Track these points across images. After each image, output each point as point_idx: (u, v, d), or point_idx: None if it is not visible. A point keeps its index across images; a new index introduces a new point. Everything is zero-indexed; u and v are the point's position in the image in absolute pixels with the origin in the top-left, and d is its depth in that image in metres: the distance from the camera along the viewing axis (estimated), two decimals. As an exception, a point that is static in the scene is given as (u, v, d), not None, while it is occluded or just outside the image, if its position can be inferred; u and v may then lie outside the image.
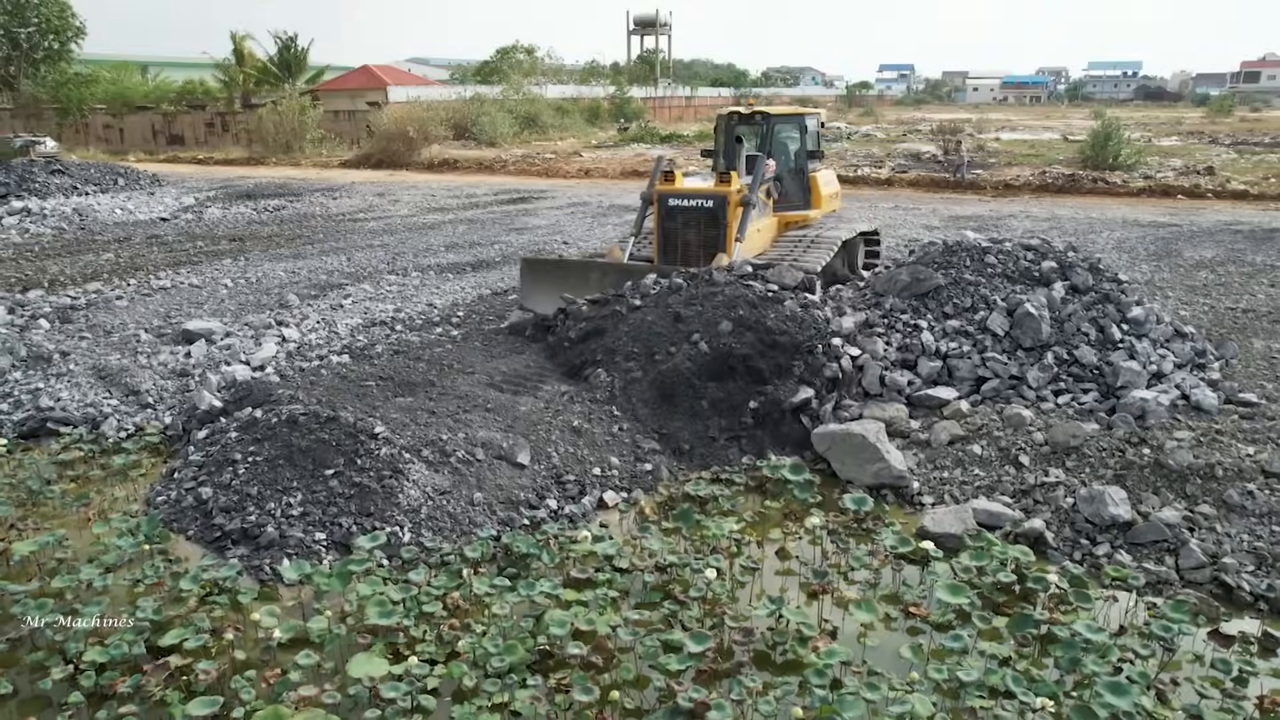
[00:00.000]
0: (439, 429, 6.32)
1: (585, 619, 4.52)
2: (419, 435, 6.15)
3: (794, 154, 10.85)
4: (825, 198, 10.97)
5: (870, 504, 5.71)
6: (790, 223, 10.55)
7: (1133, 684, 4.01)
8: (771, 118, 10.50)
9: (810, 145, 10.95)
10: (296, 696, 3.96)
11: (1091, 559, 5.31)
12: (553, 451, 6.32)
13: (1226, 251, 13.22)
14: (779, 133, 10.65)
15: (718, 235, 9.07)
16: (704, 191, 9.28)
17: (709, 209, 9.13)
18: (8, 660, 4.38)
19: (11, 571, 5.14)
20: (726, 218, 9.05)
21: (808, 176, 10.86)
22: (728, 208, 9.04)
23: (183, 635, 4.38)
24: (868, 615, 4.59)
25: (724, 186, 9.17)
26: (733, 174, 9.30)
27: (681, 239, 9.31)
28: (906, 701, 3.90)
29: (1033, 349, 7.24)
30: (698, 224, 9.21)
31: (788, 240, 10.06)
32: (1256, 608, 4.83)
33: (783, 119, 10.72)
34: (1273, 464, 5.77)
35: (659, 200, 9.42)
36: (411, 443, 6.04)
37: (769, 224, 10.14)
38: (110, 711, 3.91)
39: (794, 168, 10.82)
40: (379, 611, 4.54)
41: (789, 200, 10.59)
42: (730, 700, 3.95)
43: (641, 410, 6.91)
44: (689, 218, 9.25)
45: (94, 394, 7.79)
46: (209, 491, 5.87)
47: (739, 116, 10.71)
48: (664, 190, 9.43)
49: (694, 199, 9.24)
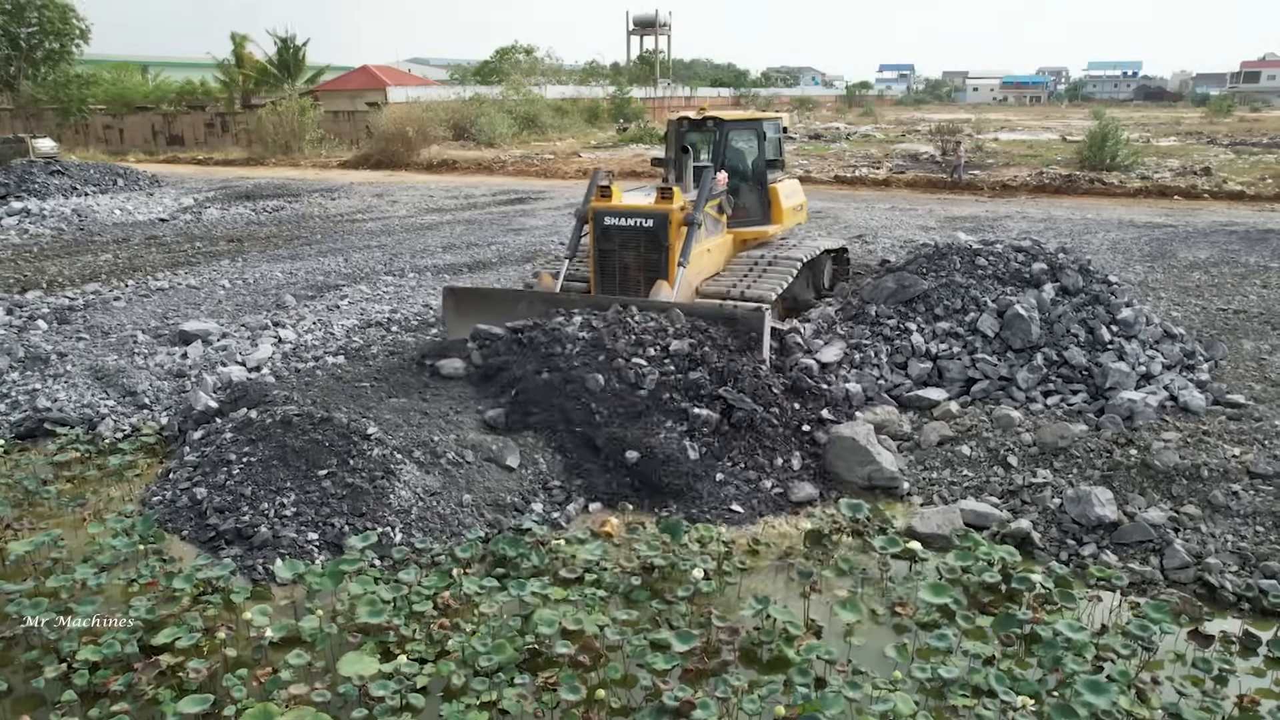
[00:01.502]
0: (430, 430, 6.37)
1: (573, 618, 4.57)
2: (411, 436, 6.20)
3: (751, 164, 9.93)
4: (787, 211, 10.05)
5: (866, 510, 5.70)
6: (747, 240, 9.73)
7: (1112, 683, 4.06)
8: (725, 124, 9.53)
9: (770, 154, 10.02)
10: (287, 695, 4.01)
11: (1077, 559, 5.36)
12: (539, 458, 6.34)
13: (1221, 252, 13.27)
14: (734, 140, 9.69)
15: (659, 258, 8.15)
16: (643, 209, 8.30)
17: (649, 229, 8.16)
18: (2, 659, 4.43)
19: (7, 571, 5.19)
20: (668, 238, 8.09)
21: (767, 189, 9.92)
22: (669, 227, 8.08)
23: (175, 634, 4.43)
24: (853, 614, 4.63)
25: (665, 203, 8.19)
26: (675, 189, 8.33)
27: (620, 262, 8.37)
28: (889, 700, 3.95)
29: (1022, 350, 7.29)
30: (637, 245, 8.24)
31: (743, 262, 9.20)
32: (1239, 607, 4.87)
33: (738, 125, 9.77)
34: (1258, 465, 5.82)
35: (594, 219, 8.45)
36: (403, 444, 6.09)
37: (722, 243, 9.25)
38: (103, 709, 3.96)
39: (752, 179, 9.91)
40: (370, 611, 4.59)
41: (746, 215, 9.73)
42: (715, 698, 4.00)
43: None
44: (627, 238, 8.28)
45: (91, 395, 7.84)
46: (204, 492, 5.92)
47: (689, 122, 9.75)
48: (599, 207, 8.43)
49: (632, 217, 8.26)
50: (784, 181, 10.35)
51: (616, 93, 52.47)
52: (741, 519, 5.83)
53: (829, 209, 18.76)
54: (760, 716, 3.92)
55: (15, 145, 27.05)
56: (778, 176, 10.20)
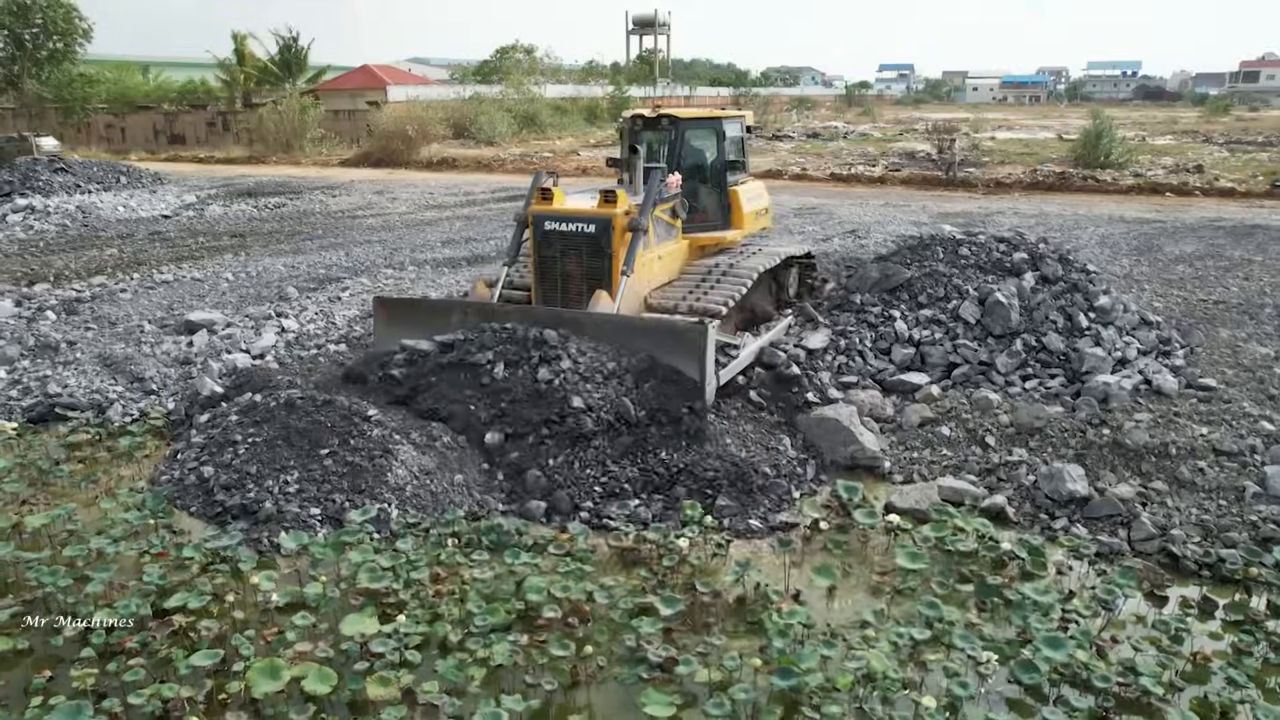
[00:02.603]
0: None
1: (562, 585, 4.81)
2: (408, 418, 6.44)
3: (710, 165, 9.33)
4: (749, 216, 9.43)
5: (860, 491, 5.90)
6: (705, 246, 9.14)
7: (1071, 640, 4.30)
8: (681, 122, 8.93)
9: (731, 154, 9.45)
10: (292, 652, 4.25)
11: (1049, 532, 5.60)
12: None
13: (1207, 247, 13.50)
14: (691, 140, 9.12)
15: (602, 265, 7.65)
16: (584, 214, 7.77)
17: (590, 234, 7.65)
18: (23, 620, 4.66)
19: (24, 543, 5.43)
20: (612, 245, 7.56)
21: (727, 191, 9.30)
22: (613, 233, 7.55)
23: (186, 599, 4.67)
24: (827, 579, 4.87)
25: (608, 207, 7.63)
26: (620, 192, 7.81)
27: (561, 269, 7.86)
28: (863, 656, 4.19)
29: (1003, 336, 7.53)
30: (579, 252, 7.74)
31: (697, 270, 8.63)
32: (1200, 575, 5.11)
33: (695, 124, 9.17)
34: (1224, 443, 6.07)
35: (534, 223, 7.92)
36: (401, 425, 6.33)
37: (675, 250, 8.61)
38: (119, 664, 4.20)
39: (710, 181, 9.29)
40: (370, 577, 4.83)
41: (705, 219, 9.14)
42: (697, 655, 4.24)
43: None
44: (568, 244, 7.76)
45: (100, 381, 8.08)
46: (210, 470, 6.16)
47: (643, 121, 9.15)
48: (539, 211, 7.88)
49: (573, 222, 7.74)
50: (746, 184, 9.75)
51: (615, 92, 52.71)
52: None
53: (824, 205, 19.01)
54: (739, 670, 4.16)
55: (19, 143, 27.29)
56: (739, 178, 9.61)
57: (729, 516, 5.71)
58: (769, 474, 6.23)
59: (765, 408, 7.06)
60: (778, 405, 7.07)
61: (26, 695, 4.05)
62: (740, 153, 9.69)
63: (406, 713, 3.88)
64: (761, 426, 6.84)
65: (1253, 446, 6.07)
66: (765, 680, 4.08)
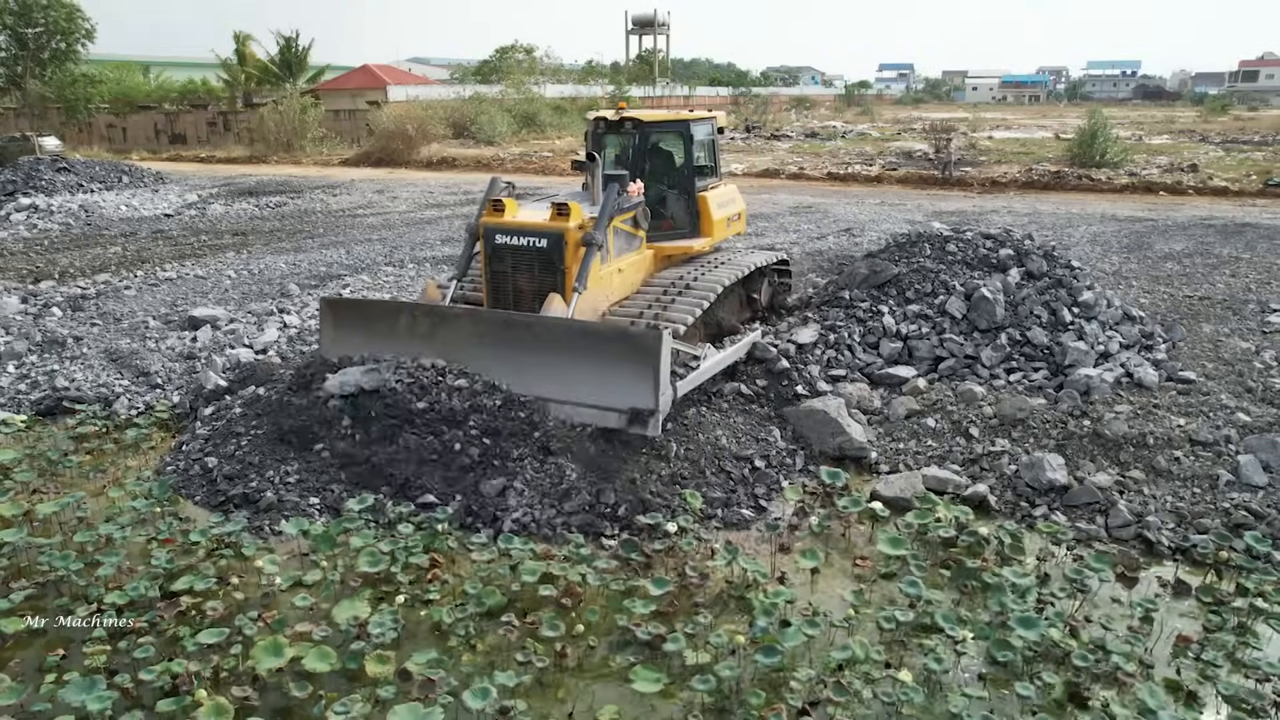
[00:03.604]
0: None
1: (556, 568, 4.98)
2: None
3: (678, 170, 8.82)
4: (719, 223, 8.87)
5: (844, 478, 6.09)
6: (671, 256, 8.62)
7: (1044, 619, 4.48)
8: (645, 125, 8.44)
9: (701, 158, 9.01)
10: (294, 632, 4.43)
11: (1029, 519, 5.77)
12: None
13: (1196, 244, 13.67)
14: (656, 144, 8.68)
15: (555, 280, 7.24)
16: (535, 227, 7.33)
17: (542, 249, 7.26)
18: (35, 605, 4.84)
19: (35, 530, 5.60)
20: (564, 260, 7.18)
21: (695, 198, 8.77)
22: (565, 248, 7.17)
23: (193, 581, 4.84)
24: (815, 563, 5.04)
25: (560, 221, 7.22)
26: (573, 204, 7.35)
27: (513, 285, 7.44)
28: (844, 635, 4.36)
29: (988, 330, 7.69)
30: (530, 267, 7.34)
31: (660, 282, 8.13)
32: (1173, 559, 5.29)
33: (660, 127, 8.69)
34: (1200, 433, 6.23)
35: (484, 236, 7.48)
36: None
37: (637, 261, 8.12)
38: (129, 643, 4.37)
39: (678, 188, 8.78)
40: (369, 561, 5.01)
41: (672, 227, 8.69)
42: (685, 634, 4.41)
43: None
44: (519, 259, 7.36)
45: (106, 375, 8.26)
46: (214, 461, 6.34)
47: (605, 124, 8.64)
48: (490, 223, 7.46)
49: (524, 235, 7.33)
50: (717, 189, 9.16)
51: (615, 92, 52.86)
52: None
53: (820, 204, 19.19)
54: (724, 648, 4.33)
55: (21, 143, 27.48)
56: (709, 183, 9.06)
57: (720, 508, 5.90)
58: (759, 465, 6.42)
59: (756, 400, 7.23)
60: (768, 398, 7.24)
61: (41, 673, 4.22)
62: (710, 156, 9.25)
63: (402, 689, 4.05)
64: (752, 418, 7.01)
65: (1228, 437, 6.23)
66: (750, 656, 4.26)
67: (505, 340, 6.63)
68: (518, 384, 6.48)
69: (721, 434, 6.63)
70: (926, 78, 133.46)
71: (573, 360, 6.41)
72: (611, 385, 6.29)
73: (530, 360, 6.48)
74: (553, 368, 6.43)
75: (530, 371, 6.47)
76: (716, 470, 6.26)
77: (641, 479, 6.01)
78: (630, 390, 6.23)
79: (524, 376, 6.47)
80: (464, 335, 6.80)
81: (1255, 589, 4.81)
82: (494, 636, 4.40)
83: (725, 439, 6.59)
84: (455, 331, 6.84)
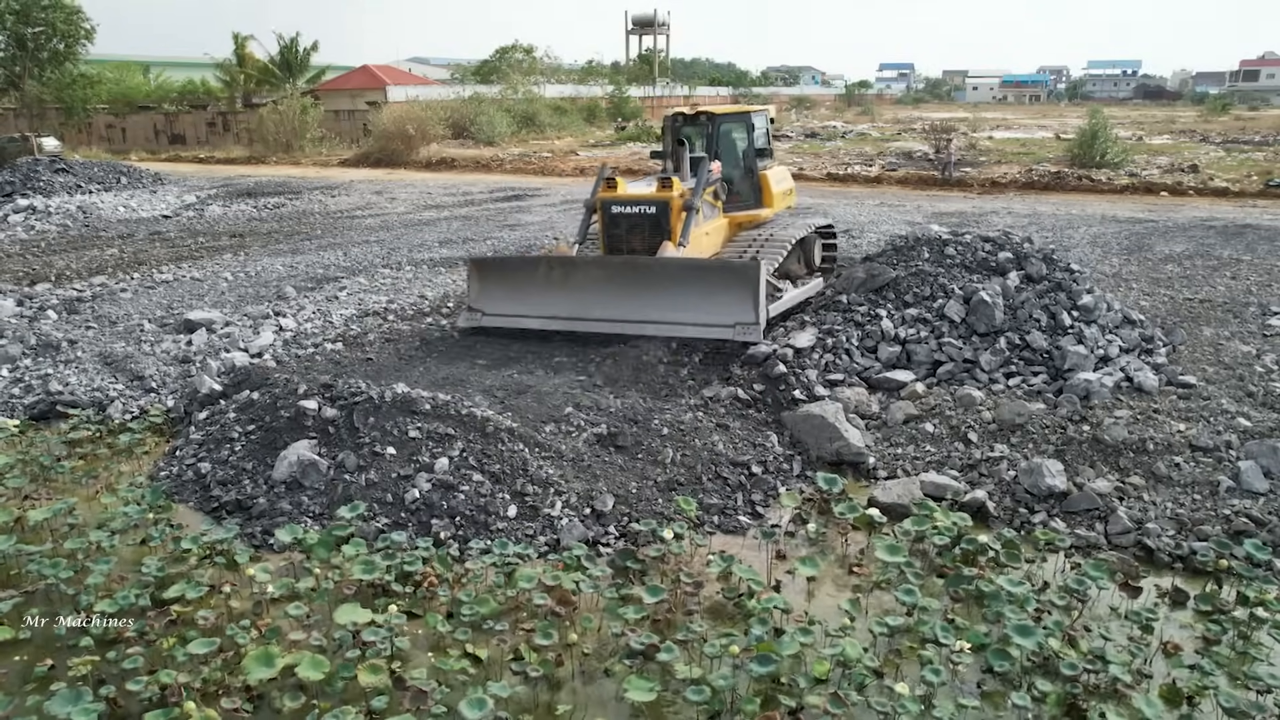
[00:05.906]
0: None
1: (551, 575, 4.93)
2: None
3: (742, 153, 10.74)
4: (777, 195, 10.94)
5: (840, 484, 6.04)
6: (742, 223, 10.57)
7: (1043, 629, 4.43)
8: (717, 118, 10.41)
9: (760, 143, 10.90)
10: (287, 641, 4.38)
11: (1028, 526, 5.71)
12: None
13: (1196, 246, 13.61)
14: (725, 132, 10.55)
15: (662, 240, 8.99)
16: (646, 197, 9.22)
17: (652, 215, 9.11)
18: (24, 612, 4.79)
19: (26, 537, 5.56)
20: (670, 222, 9.02)
21: (758, 175, 10.81)
22: (670, 213, 9.02)
23: (184, 590, 4.80)
24: (811, 570, 5.00)
25: (666, 192, 9.11)
26: (674, 179, 9.23)
27: (627, 245, 9.26)
28: (839, 644, 4.32)
29: (987, 334, 7.65)
30: (642, 230, 9.16)
31: (740, 242, 10.04)
32: (1173, 567, 5.24)
33: (728, 118, 10.65)
34: (1200, 438, 6.19)
35: (602, 207, 9.38)
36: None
37: (718, 226, 10.10)
38: (119, 652, 4.32)
39: (743, 167, 10.74)
40: (363, 569, 4.96)
41: (740, 200, 10.60)
42: (678, 642, 4.36)
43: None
44: (633, 223, 9.21)
45: (100, 379, 8.21)
46: (208, 466, 6.30)
47: (683, 118, 10.61)
48: (606, 197, 9.36)
49: (637, 205, 9.21)
50: (773, 168, 11.23)
51: (615, 92, 52.83)
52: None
53: (819, 205, 19.09)
54: (719, 658, 4.28)
55: (20, 144, 27.45)
56: (767, 164, 11.05)
57: (716, 514, 5.86)
58: (755, 471, 6.37)
59: (753, 405, 7.18)
60: (765, 403, 7.20)
61: (27, 683, 4.18)
62: (767, 141, 11.13)
63: (396, 699, 4.01)
64: (749, 424, 6.97)
65: (1229, 442, 6.19)
66: (744, 667, 4.21)
67: (628, 278, 8.30)
68: (638, 314, 8.14)
69: (718, 439, 6.59)
70: (927, 77, 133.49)
71: (686, 289, 8.02)
72: (720, 306, 7.87)
73: (649, 294, 8.13)
74: (670, 295, 8.03)
75: (650, 302, 8.09)
76: (713, 476, 6.22)
77: (638, 485, 5.97)
78: (736, 309, 7.82)
79: (644, 308, 8.10)
80: (594, 278, 8.52)
81: (1256, 598, 4.76)
82: (489, 646, 4.35)
83: (722, 444, 6.55)
84: (586, 275, 8.60)
